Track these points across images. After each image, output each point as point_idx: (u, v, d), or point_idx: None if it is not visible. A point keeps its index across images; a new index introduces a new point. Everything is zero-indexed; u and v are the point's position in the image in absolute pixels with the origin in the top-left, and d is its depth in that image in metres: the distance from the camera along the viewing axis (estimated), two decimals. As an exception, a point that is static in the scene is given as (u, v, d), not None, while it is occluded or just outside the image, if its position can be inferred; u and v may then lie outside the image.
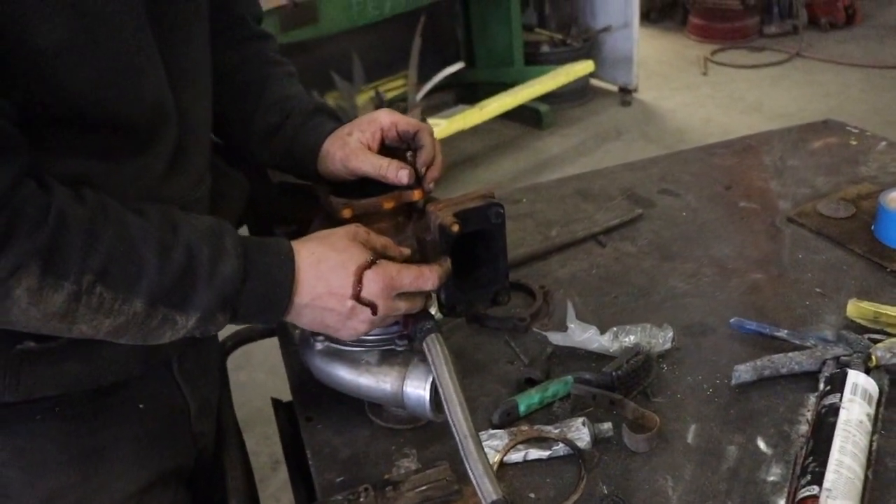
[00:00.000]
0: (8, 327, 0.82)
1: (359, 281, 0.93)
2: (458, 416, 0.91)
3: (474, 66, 5.04)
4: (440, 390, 0.95)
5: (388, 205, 1.06)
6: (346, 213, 1.06)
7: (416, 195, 1.07)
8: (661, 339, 1.18)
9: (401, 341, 1.06)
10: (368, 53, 4.39)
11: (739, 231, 1.51)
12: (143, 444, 1.06)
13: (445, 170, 4.10)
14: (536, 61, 4.89)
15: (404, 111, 4.03)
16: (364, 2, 3.87)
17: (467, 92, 5.05)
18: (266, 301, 0.91)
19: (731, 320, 1.24)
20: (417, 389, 1.02)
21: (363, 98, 3.98)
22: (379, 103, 4.11)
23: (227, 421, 1.34)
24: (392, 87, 4.55)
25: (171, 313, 0.86)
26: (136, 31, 0.90)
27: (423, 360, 1.01)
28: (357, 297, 0.93)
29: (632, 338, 1.18)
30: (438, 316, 1.08)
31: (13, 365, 0.93)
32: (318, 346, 1.10)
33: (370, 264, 0.94)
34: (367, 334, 1.02)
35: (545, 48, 4.94)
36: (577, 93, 5.05)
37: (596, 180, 1.74)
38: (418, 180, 1.08)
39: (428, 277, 0.97)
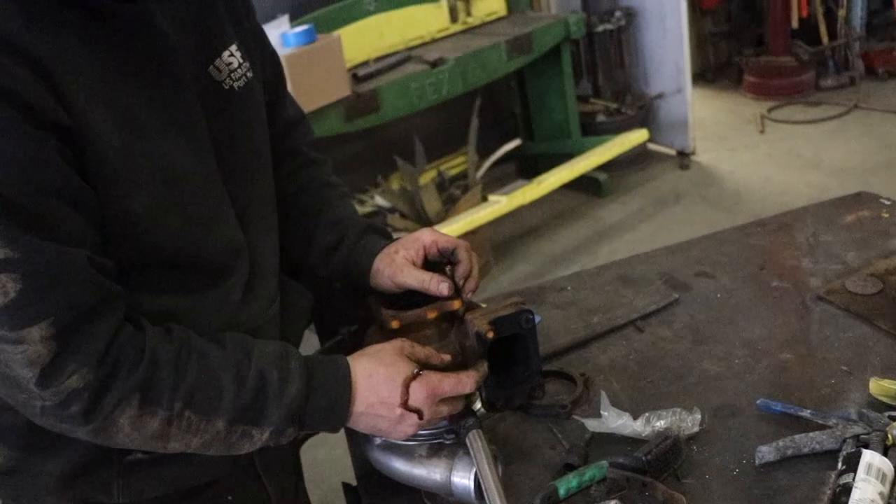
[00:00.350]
0: (116, 447, 0.99)
1: (406, 391, 1.08)
2: (496, 506, 1.03)
3: (533, 139, 5.22)
4: (481, 482, 1.07)
5: (432, 315, 1.21)
6: (395, 324, 1.20)
7: (456, 305, 1.22)
8: (689, 422, 1.28)
9: (448, 435, 1.19)
10: (429, 134, 4.62)
11: (771, 311, 1.61)
12: None
13: (508, 242, 4.23)
14: (593, 131, 5.03)
15: (466, 188, 4.21)
16: (422, 88, 4.09)
17: (528, 164, 5.23)
18: (328, 413, 1.07)
19: (758, 401, 1.33)
20: (463, 479, 1.15)
21: (425, 178, 4.17)
22: (441, 182, 4.30)
23: (302, 506, 1.48)
24: (453, 164, 4.75)
25: (248, 429, 1.02)
26: (211, 187, 1.08)
27: (468, 452, 1.14)
28: (405, 405, 1.08)
29: (662, 423, 1.29)
30: (482, 411, 1.22)
31: (125, 473, 1.10)
32: (377, 440, 1.24)
33: (415, 376, 1.09)
34: (418, 431, 1.16)
35: (601, 117, 5.09)
36: (636, 159, 5.15)
37: (636, 265, 1.85)
38: (457, 291, 1.22)
39: (466, 383, 1.11)
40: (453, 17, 4.70)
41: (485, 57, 4.32)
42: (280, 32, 3.69)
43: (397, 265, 1.24)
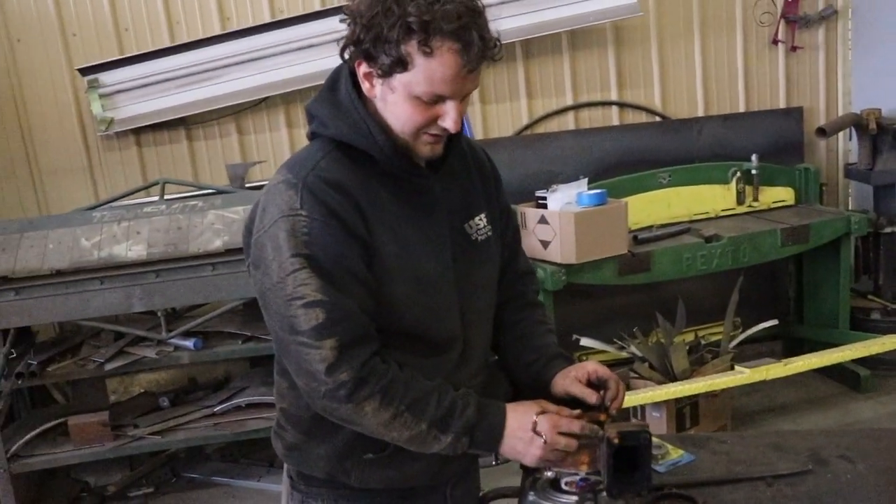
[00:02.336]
0: (360, 430, 1.65)
1: (534, 420, 1.66)
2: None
3: (802, 323, 5.41)
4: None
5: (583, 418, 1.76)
6: (557, 418, 1.78)
7: (602, 416, 1.76)
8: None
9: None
10: (696, 299, 5.03)
11: (881, 499, 1.91)
12: None
13: (753, 413, 4.54)
14: (865, 327, 5.12)
15: (717, 356, 4.57)
16: (694, 258, 4.59)
17: (794, 345, 5.41)
18: (489, 433, 1.68)
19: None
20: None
21: (680, 338, 4.59)
22: (695, 345, 4.69)
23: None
24: (713, 332, 5.10)
25: (438, 434, 1.65)
26: (447, 290, 1.75)
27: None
28: (533, 430, 1.66)
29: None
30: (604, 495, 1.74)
31: (360, 465, 1.78)
32: (530, 496, 1.79)
33: (543, 412, 1.68)
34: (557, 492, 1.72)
35: (875, 315, 5.17)
36: (911, 362, 5.13)
37: (792, 439, 2.21)
38: (606, 408, 1.77)
39: (577, 424, 1.67)
40: (740, 200, 5.15)
41: (759, 240, 4.71)
42: (577, 192, 4.42)
43: (569, 379, 1.83)
